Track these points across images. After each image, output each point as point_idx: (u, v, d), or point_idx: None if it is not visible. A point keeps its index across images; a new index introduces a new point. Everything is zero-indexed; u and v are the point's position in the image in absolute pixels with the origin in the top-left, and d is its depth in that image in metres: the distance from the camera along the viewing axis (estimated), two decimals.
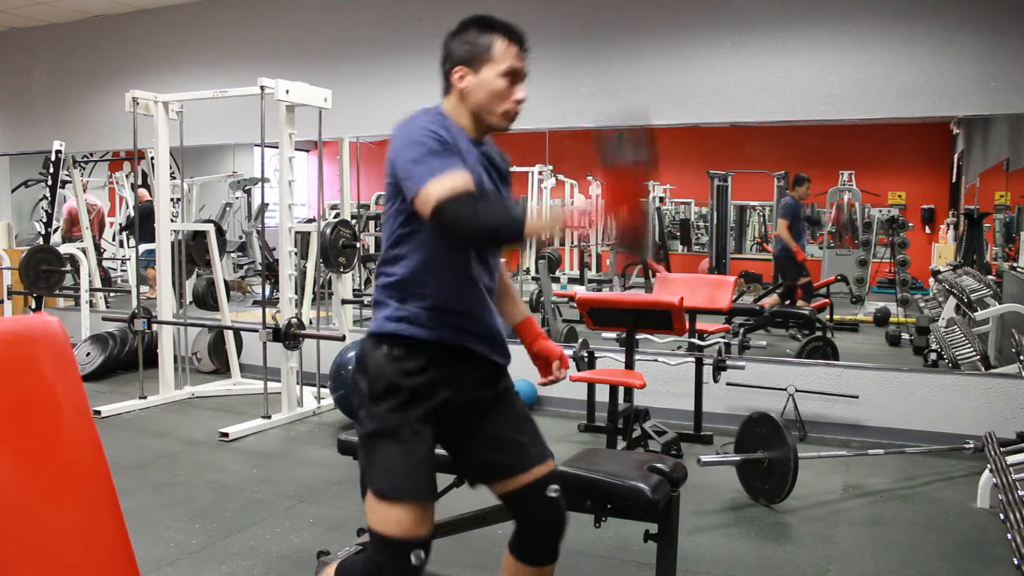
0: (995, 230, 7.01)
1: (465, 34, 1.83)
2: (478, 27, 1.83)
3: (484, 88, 1.81)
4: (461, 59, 1.82)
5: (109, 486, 1.72)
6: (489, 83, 1.81)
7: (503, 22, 1.85)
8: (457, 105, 1.85)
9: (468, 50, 1.82)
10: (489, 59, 1.81)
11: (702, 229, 10.54)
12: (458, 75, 1.82)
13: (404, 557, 1.73)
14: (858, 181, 9.20)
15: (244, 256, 9.07)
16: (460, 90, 1.83)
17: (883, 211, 9.18)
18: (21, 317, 2.00)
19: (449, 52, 1.85)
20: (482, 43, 1.81)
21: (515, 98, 1.83)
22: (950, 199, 9.15)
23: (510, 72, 1.81)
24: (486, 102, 1.82)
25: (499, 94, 1.81)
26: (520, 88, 1.84)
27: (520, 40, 1.85)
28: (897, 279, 7.54)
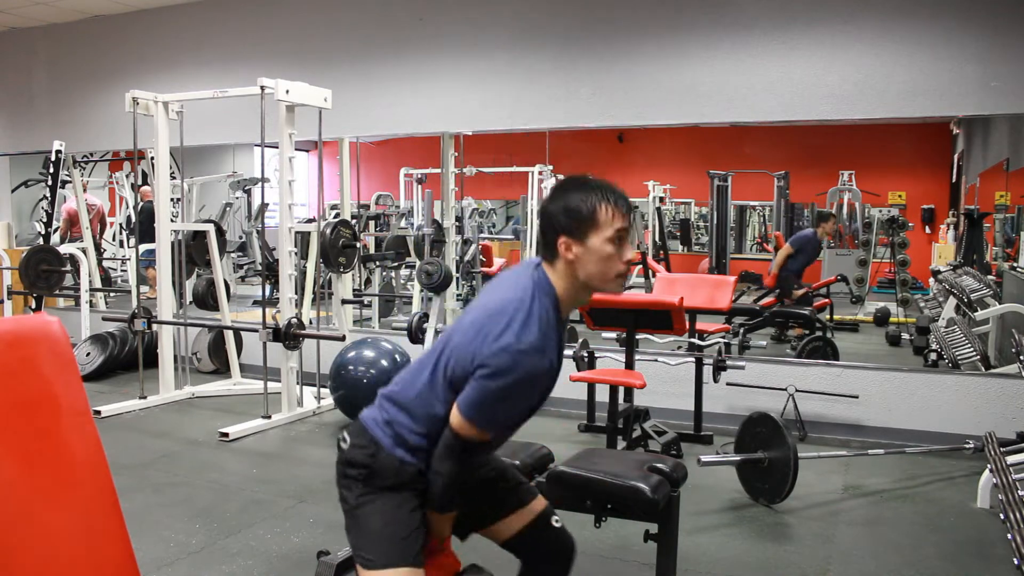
0: (995, 230, 7.01)
1: (565, 199, 1.74)
2: (578, 191, 1.75)
3: (594, 257, 1.73)
4: (565, 228, 1.73)
5: (109, 486, 1.72)
6: (598, 250, 1.72)
7: (600, 184, 1.76)
8: (565, 273, 1.76)
9: (572, 220, 1.73)
10: (595, 227, 1.72)
11: (702, 229, 10.55)
12: (563, 246, 1.73)
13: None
14: (858, 181, 9.21)
15: (244, 256, 9.07)
16: (568, 261, 1.75)
17: (883, 211, 9.19)
18: (21, 317, 2.00)
19: (551, 219, 1.76)
20: (586, 211, 1.72)
21: (625, 259, 1.76)
22: (950, 199, 9.16)
23: (617, 236, 1.74)
24: (597, 270, 1.74)
25: (609, 259, 1.73)
26: (628, 248, 1.77)
27: (621, 201, 1.76)
28: (897, 279, 7.54)
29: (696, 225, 10.88)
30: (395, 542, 1.75)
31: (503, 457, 2.44)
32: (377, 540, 1.76)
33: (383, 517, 1.77)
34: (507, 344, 1.64)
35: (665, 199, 9.78)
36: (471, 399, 1.67)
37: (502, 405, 1.69)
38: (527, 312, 1.68)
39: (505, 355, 1.63)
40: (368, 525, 1.78)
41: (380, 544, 1.76)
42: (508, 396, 1.67)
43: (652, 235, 9.53)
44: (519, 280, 1.76)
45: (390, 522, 1.77)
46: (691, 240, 10.73)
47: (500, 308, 1.69)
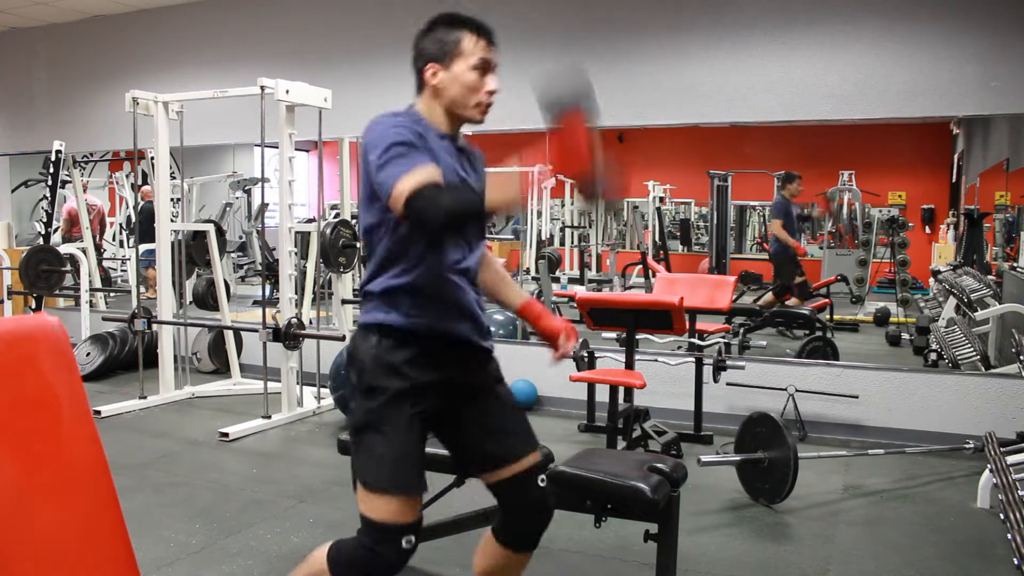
0: (995, 230, 7.01)
1: (434, 32, 1.89)
2: (446, 24, 1.89)
3: (456, 82, 1.86)
4: (432, 56, 1.88)
5: (109, 486, 1.72)
6: (461, 77, 1.86)
7: (470, 17, 1.89)
8: (431, 102, 1.90)
9: (438, 47, 1.87)
10: (459, 54, 1.86)
11: (702, 229, 10.55)
12: (430, 72, 1.88)
13: (394, 541, 1.79)
14: (858, 181, 9.21)
15: (244, 256, 9.07)
16: (433, 86, 1.88)
17: (883, 211, 9.19)
18: (21, 317, 2.00)
19: (420, 50, 1.91)
20: (451, 39, 1.86)
21: (487, 89, 1.89)
22: (950, 199, 9.16)
23: (481, 64, 1.86)
24: (459, 96, 1.87)
25: (471, 87, 1.86)
26: (491, 79, 1.89)
27: (488, 33, 1.89)
28: (897, 279, 7.54)
29: (696, 225, 10.88)
30: (395, 467, 1.80)
31: None
32: (377, 462, 1.81)
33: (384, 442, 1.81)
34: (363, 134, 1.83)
35: (665, 199, 9.78)
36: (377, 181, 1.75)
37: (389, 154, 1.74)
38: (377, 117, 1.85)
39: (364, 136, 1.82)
40: (369, 448, 1.83)
41: (380, 467, 1.81)
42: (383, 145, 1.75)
43: (652, 235, 9.53)
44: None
45: (390, 447, 1.81)
46: (691, 240, 10.73)
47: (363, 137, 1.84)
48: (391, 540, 1.78)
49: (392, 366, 1.84)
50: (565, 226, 9.25)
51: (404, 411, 1.82)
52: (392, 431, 1.81)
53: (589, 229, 9.40)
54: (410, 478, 1.82)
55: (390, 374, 1.83)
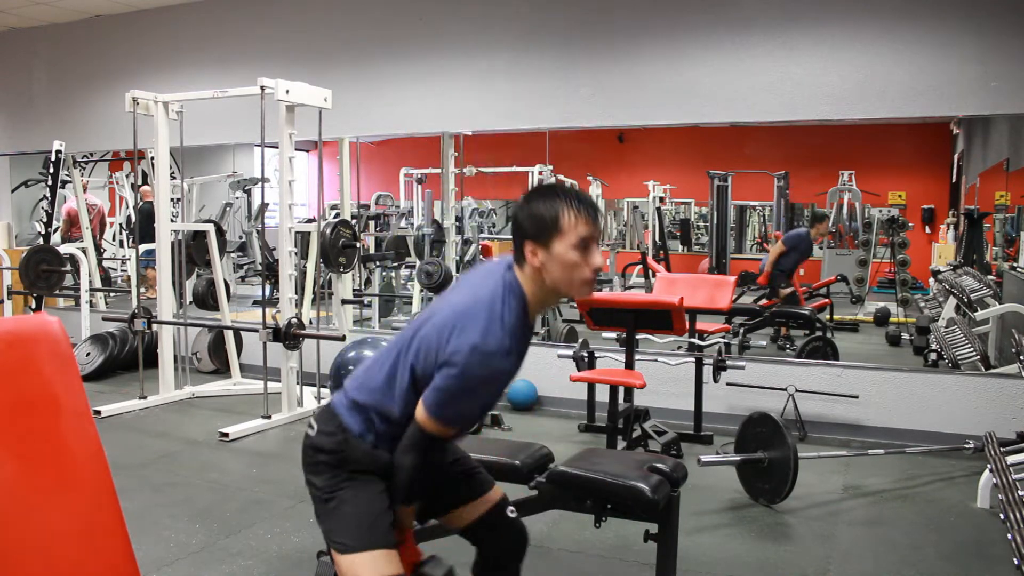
0: (995, 230, 7.01)
1: (531, 207, 1.77)
2: (543, 199, 1.77)
3: (558, 263, 1.75)
4: (531, 235, 1.76)
5: (109, 486, 1.72)
6: (562, 257, 1.74)
7: (567, 190, 1.78)
8: (532, 278, 1.79)
9: (537, 226, 1.75)
10: (559, 233, 1.74)
11: (702, 229, 10.54)
12: (530, 251, 1.76)
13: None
14: (858, 181, 9.20)
15: (244, 256, 9.06)
16: (534, 266, 1.77)
17: (883, 211, 9.17)
18: (21, 317, 2.00)
19: (518, 225, 1.79)
20: (549, 216, 1.74)
21: (592, 266, 1.77)
22: (950, 199, 9.15)
23: (581, 243, 1.75)
24: (563, 276, 1.76)
25: (574, 265, 1.75)
26: (595, 254, 1.77)
27: (587, 207, 1.77)
28: (897, 279, 7.54)
29: (696, 225, 10.87)
30: (369, 526, 1.79)
31: (500, 456, 2.45)
32: (351, 525, 1.79)
33: (355, 502, 1.80)
34: (473, 342, 1.67)
35: (665, 199, 9.77)
36: (436, 395, 1.71)
37: (465, 401, 1.73)
38: (495, 313, 1.71)
39: (471, 354, 1.66)
40: (340, 511, 1.81)
41: (354, 529, 1.79)
42: (471, 393, 1.72)
43: (652, 235, 9.52)
44: (489, 280, 1.78)
45: (362, 506, 1.80)
46: (691, 240, 10.71)
47: (469, 307, 1.72)
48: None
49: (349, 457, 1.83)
50: None
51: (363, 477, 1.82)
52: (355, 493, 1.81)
53: None
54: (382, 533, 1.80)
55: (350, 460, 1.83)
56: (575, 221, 1.74)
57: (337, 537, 1.80)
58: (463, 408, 1.76)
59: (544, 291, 1.79)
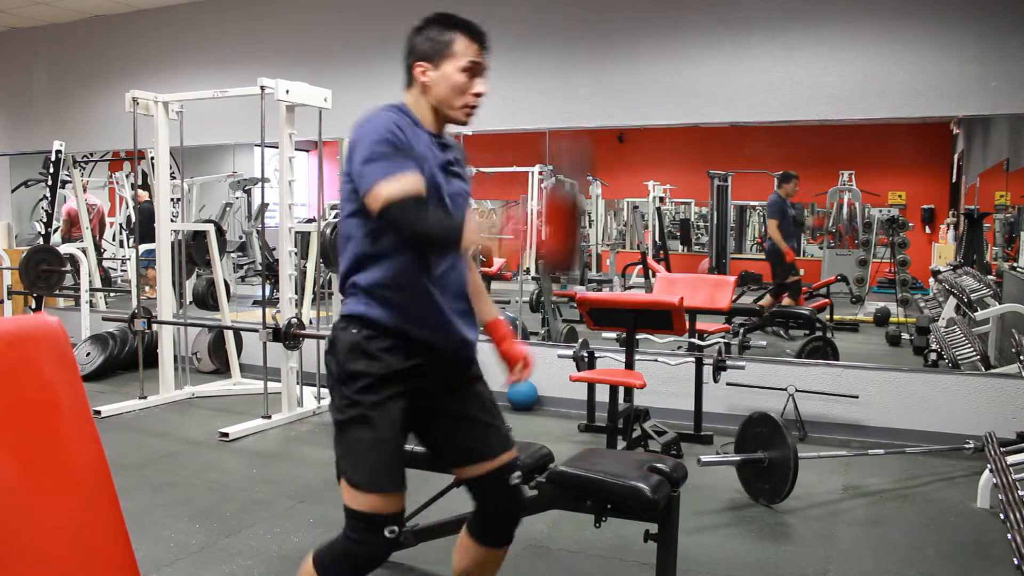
0: (995, 230, 7.01)
1: (428, 30, 1.91)
2: (440, 24, 1.91)
3: (444, 82, 1.89)
4: (423, 54, 1.90)
5: (109, 486, 1.72)
6: (449, 77, 1.88)
7: (464, 20, 1.92)
8: (418, 98, 1.93)
9: (430, 46, 1.90)
10: (450, 55, 1.88)
11: (702, 229, 10.54)
12: (420, 70, 1.90)
13: (378, 531, 1.82)
14: (858, 181, 9.20)
15: (244, 256, 9.07)
16: (422, 84, 1.91)
17: (883, 211, 9.17)
18: (21, 317, 2.00)
19: (412, 47, 1.93)
20: (443, 39, 1.89)
21: (474, 91, 1.91)
22: (950, 199, 9.15)
23: (470, 67, 1.89)
24: (446, 96, 1.90)
25: (459, 88, 1.89)
26: (479, 82, 1.92)
27: (480, 37, 1.92)
28: (897, 279, 7.54)
29: (696, 225, 10.87)
30: (379, 467, 1.83)
31: None
32: (362, 462, 1.83)
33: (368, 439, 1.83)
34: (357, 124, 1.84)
35: (665, 199, 9.76)
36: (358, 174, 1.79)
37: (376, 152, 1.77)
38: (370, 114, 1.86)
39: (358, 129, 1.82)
40: (353, 445, 1.85)
41: (365, 466, 1.83)
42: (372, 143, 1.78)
43: (652, 235, 9.52)
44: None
45: (374, 445, 1.83)
46: (691, 240, 10.71)
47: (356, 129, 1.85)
48: (375, 530, 1.82)
49: (368, 352, 1.85)
50: None
51: (384, 402, 1.84)
52: (373, 426, 1.83)
53: (589, 229, 9.39)
54: (391, 478, 1.85)
55: (367, 359, 1.85)
56: (468, 46, 1.89)
57: (347, 469, 1.85)
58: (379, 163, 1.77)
59: (427, 108, 1.92)
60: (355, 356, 1.86)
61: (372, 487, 1.82)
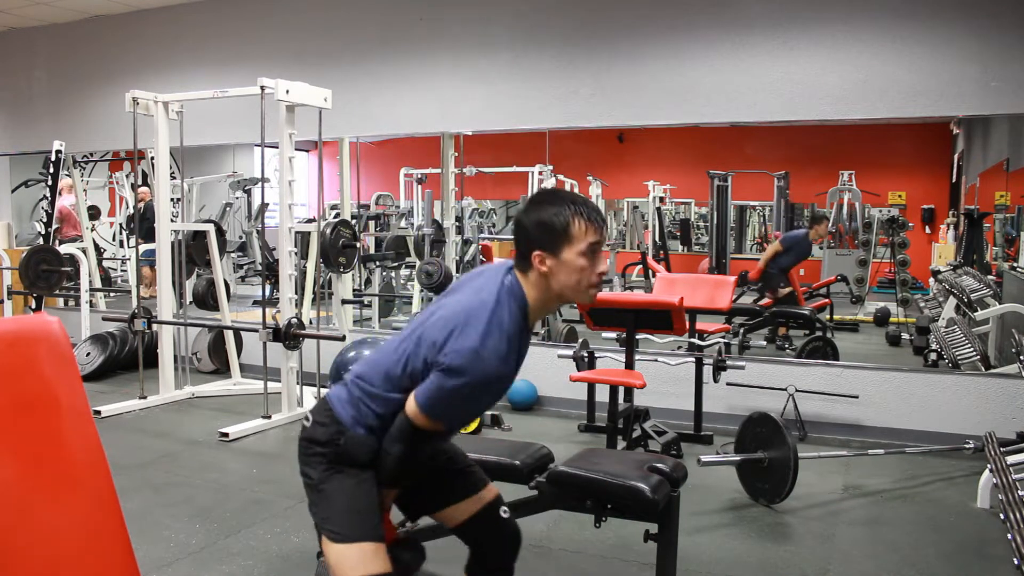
0: (995, 230, 7.01)
1: (539, 213, 1.79)
2: (551, 204, 1.80)
3: (567, 269, 1.79)
4: (539, 243, 1.79)
5: (109, 486, 1.72)
6: (571, 263, 1.78)
7: (574, 197, 1.82)
8: (537, 284, 1.82)
9: (547, 235, 1.78)
10: (568, 241, 1.78)
11: (702, 229, 10.53)
12: (538, 259, 1.79)
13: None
14: (858, 181, 9.20)
15: (244, 256, 9.06)
16: (541, 272, 1.80)
17: (883, 211, 9.17)
18: (21, 317, 2.00)
19: (525, 232, 1.81)
20: (558, 224, 1.77)
21: (598, 272, 1.82)
22: (950, 199, 9.14)
23: (590, 250, 1.79)
24: (571, 283, 1.80)
25: (582, 271, 1.79)
26: (601, 260, 1.82)
27: (595, 215, 1.81)
28: (897, 279, 7.53)
29: (696, 225, 10.87)
30: (361, 517, 1.82)
31: (500, 456, 2.44)
32: (344, 516, 1.82)
33: (349, 494, 1.83)
34: (472, 346, 1.69)
35: (665, 199, 9.76)
36: (428, 391, 1.74)
37: (457, 402, 1.75)
38: (496, 317, 1.73)
39: (468, 356, 1.69)
40: (334, 501, 1.84)
41: (347, 519, 1.82)
42: (464, 395, 1.73)
43: (652, 235, 9.52)
44: (491, 283, 1.80)
45: (355, 498, 1.83)
46: (691, 240, 10.71)
47: (471, 309, 1.74)
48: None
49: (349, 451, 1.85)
50: None
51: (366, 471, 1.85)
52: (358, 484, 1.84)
53: None
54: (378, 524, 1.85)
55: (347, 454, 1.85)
56: (585, 229, 1.78)
57: (329, 525, 1.83)
58: (455, 408, 1.78)
59: (548, 297, 1.83)
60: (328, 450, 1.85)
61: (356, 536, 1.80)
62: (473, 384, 1.71)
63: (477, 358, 1.69)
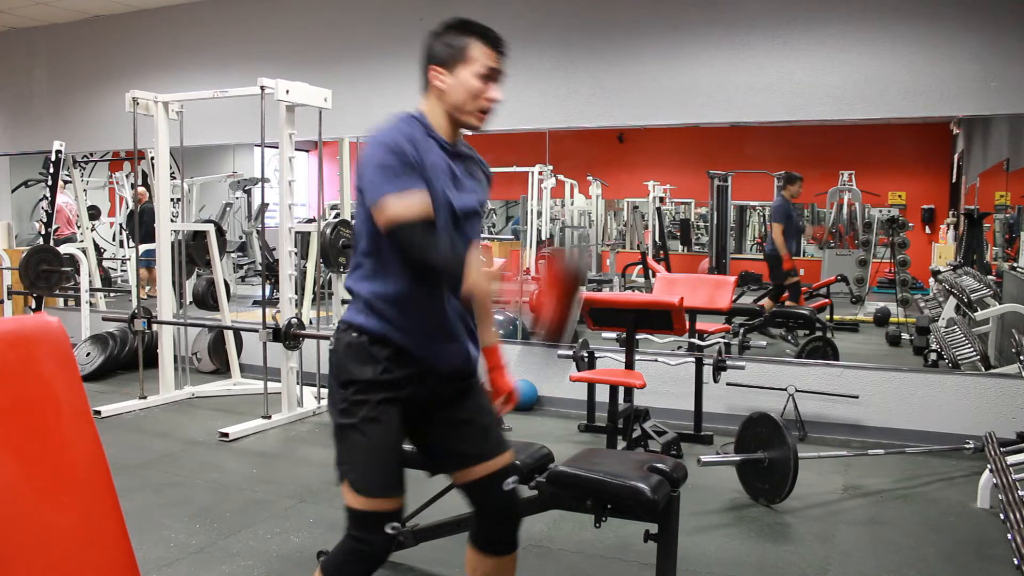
0: (995, 230, 7.01)
1: (444, 36, 1.91)
2: (457, 30, 1.91)
3: (460, 88, 1.89)
4: (439, 60, 1.90)
5: (109, 486, 1.72)
6: (465, 83, 1.88)
7: (481, 25, 1.92)
8: (434, 104, 1.93)
9: (447, 52, 1.89)
10: (465, 60, 1.88)
11: (702, 229, 10.54)
12: (435, 75, 1.90)
13: (379, 529, 1.84)
14: (858, 181, 9.20)
15: (244, 256, 9.07)
16: (438, 89, 1.91)
17: (883, 211, 9.17)
18: (21, 317, 2.00)
19: (429, 52, 1.94)
20: (460, 45, 1.89)
21: (489, 96, 1.91)
22: (950, 199, 9.15)
23: (486, 72, 1.90)
24: (461, 101, 1.89)
25: (474, 93, 1.89)
26: (495, 88, 1.92)
27: (497, 43, 1.93)
28: (897, 279, 7.54)
29: (696, 225, 10.87)
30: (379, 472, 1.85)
31: None
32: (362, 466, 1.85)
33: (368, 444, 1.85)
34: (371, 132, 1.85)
35: (665, 199, 9.77)
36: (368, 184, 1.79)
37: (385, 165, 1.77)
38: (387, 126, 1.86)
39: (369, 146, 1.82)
40: (354, 449, 1.86)
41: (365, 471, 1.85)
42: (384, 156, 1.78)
43: (652, 235, 9.52)
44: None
45: (375, 451, 1.85)
46: (691, 240, 10.71)
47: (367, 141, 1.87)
48: (377, 528, 1.84)
49: (366, 356, 1.87)
50: (565, 226, 9.25)
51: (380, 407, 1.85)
52: (371, 433, 1.84)
53: (589, 229, 9.40)
54: (391, 481, 1.87)
55: (363, 363, 1.86)
56: (484, 52, 1.89)
57: (347, 470, 1.86)
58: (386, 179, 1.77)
59: (442, 114, 1.91)
60: (352, 359, 1.87)
61: (373, 491, 1.84)
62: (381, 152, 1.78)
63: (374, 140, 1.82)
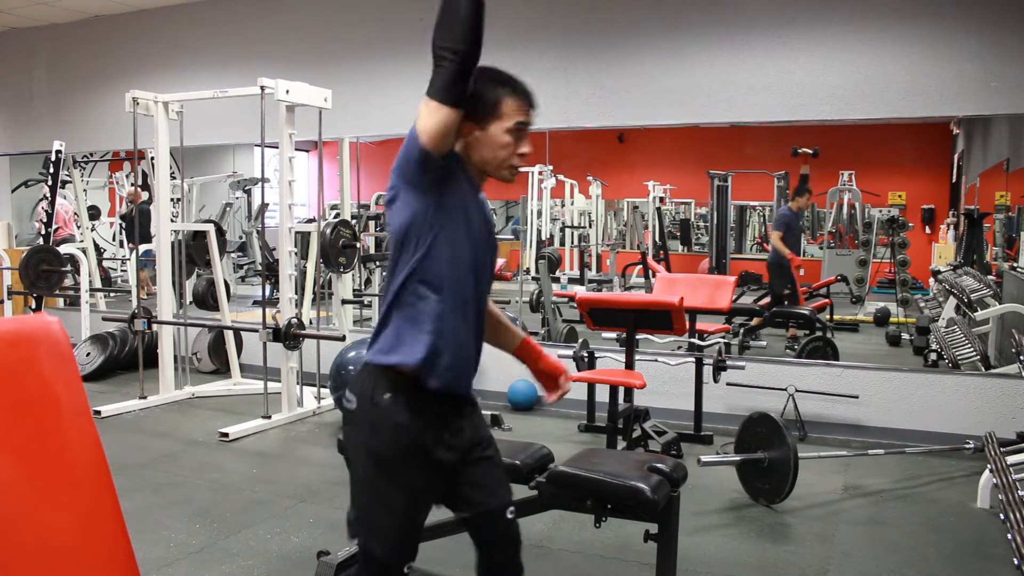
0: (995, 230, 7.01)
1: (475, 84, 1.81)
2: (488, 80, 1.84)
3: (490, 143, 1.82)
4: (469, 114, 1.80)
5: (109, 486, 1.72)
6: (495, 139, 1.82)
7: (513, 78, 1.87)
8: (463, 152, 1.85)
9: (477, 105, 1.81)
10: (497, 116, 1.82)
11: (702, 229, 10.54)
12: (466, 129, 1.82)
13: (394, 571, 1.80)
14: (858, 181, 9.20)
15: (244, 256, 9.08)
16: (466, 142, 1.83)
17: (883, 211, 9.17)
18: (21, 317, 2.00)
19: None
20: (490, 99, 1.82)
21: (519, 152, 1.85)
22: (950, 199, 9.15)
23: (517, 128, 1.83)
24: (490, 157, 1.83)
25: (505, 148, 1.83)
26: (525, 143, 1.86)
27: (528, 97, 1.87)
28: (897, 279, 7.54)
29: (696, 225, 10.87)
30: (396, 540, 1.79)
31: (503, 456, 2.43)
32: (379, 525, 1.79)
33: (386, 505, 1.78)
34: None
35: (665, 199, 9.77)
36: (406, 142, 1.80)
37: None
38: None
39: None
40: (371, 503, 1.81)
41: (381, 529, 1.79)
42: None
43: (652, 235, 9.52)
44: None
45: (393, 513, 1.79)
46: (691, 240, 10.72)
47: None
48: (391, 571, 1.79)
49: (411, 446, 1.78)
50: (565, 226, 9.25)
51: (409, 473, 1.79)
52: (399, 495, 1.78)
53: (589, 229, 9.40)
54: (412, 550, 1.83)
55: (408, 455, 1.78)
56: (515, 108, 1.84)
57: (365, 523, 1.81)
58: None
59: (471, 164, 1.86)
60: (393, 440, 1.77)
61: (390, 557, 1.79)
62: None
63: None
